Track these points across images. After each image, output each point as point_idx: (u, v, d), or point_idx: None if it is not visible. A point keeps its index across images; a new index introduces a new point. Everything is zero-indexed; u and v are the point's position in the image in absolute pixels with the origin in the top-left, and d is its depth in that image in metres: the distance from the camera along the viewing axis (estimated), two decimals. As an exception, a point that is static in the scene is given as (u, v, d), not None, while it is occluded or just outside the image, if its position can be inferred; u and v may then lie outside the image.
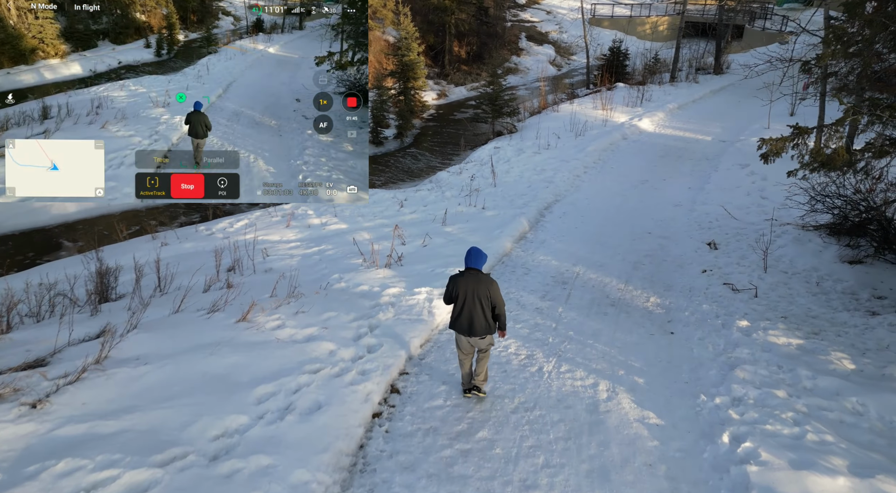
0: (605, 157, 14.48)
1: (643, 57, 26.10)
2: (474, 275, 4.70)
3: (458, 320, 4.74)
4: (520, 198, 11.80)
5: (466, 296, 4.66)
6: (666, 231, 10.07)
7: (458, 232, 9.90)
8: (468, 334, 4.72)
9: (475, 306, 4.64)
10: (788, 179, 11.55)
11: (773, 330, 6.22)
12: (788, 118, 16.20)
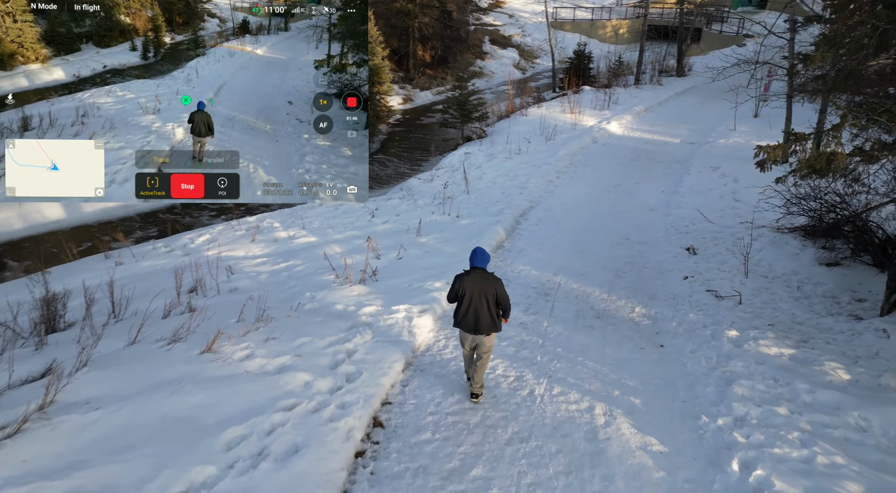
0: (577, 161, 14.36)
1: (606, 60, 26.29)
2: (480, 274, 4.77)
3: (464, 318, 4.80)
4: (494, 205, 11.52)
5: (473, 295, 4.72)
6: (644, 236, 9.93)
7: (433, 243, 9.55)
8: (474, 332, 4.78)
9: (481, 304, 4.71)
10: (761, 182, 11.63)
11: (763, 340, 6.08)
12: (753, 120, 16.45)
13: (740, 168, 12.47)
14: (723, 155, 13.48)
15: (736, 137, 14.78)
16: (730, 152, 13.68)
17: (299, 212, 11.83)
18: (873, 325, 6.47)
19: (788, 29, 12.57)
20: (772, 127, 15.22)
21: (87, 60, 7.39)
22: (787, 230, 9.42)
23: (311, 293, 7.26)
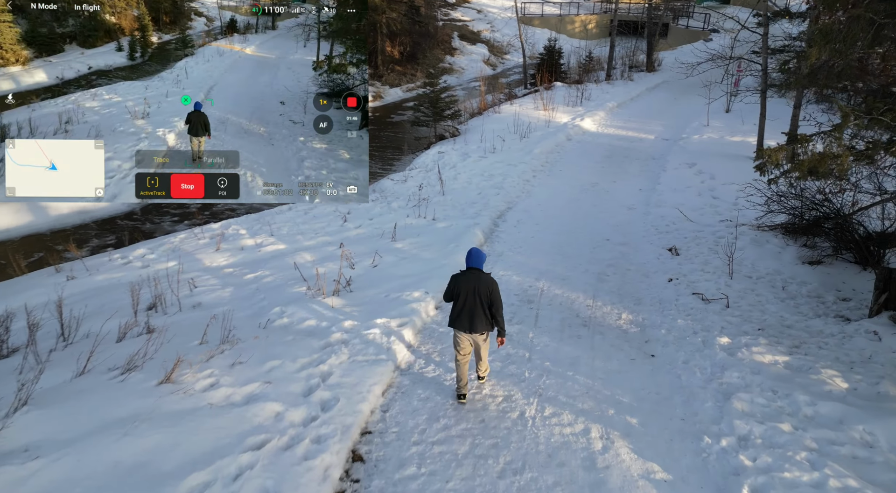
0: (553, 159, 14.11)
1: (576, 55, 26.20)
2: (476, 274, 4.79)
3: (458, 317, 4.80)
4: (471, 206, 11.17)
5: (468, 294, 4.73)
6: (625, 237, 9.72)
7: (409, 248, 9.15)
8: (469, 331, 4.79)
9: (476, 304, 4.73)
10: (738, 179, 11.55)
11: (756, 347, 5.87)
12: (724, 115, 16.48)
13: (716, 165, 12.41)
14: (698, 151, 13.40)
15: (709, 133, 14.74)
16: (704, 148, 13.62)
17: (267, 217, 11.28)
18: (863, 327, 6.34)
19: (760, 24, 12.51)
20: (744, 122, 15.27)
21: (71, 62, 7.08)
22: (768, 228, 9.32)
23: (281, 308, 6.79)
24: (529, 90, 22.94)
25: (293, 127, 6.14)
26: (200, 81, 6.94)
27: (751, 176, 11.78)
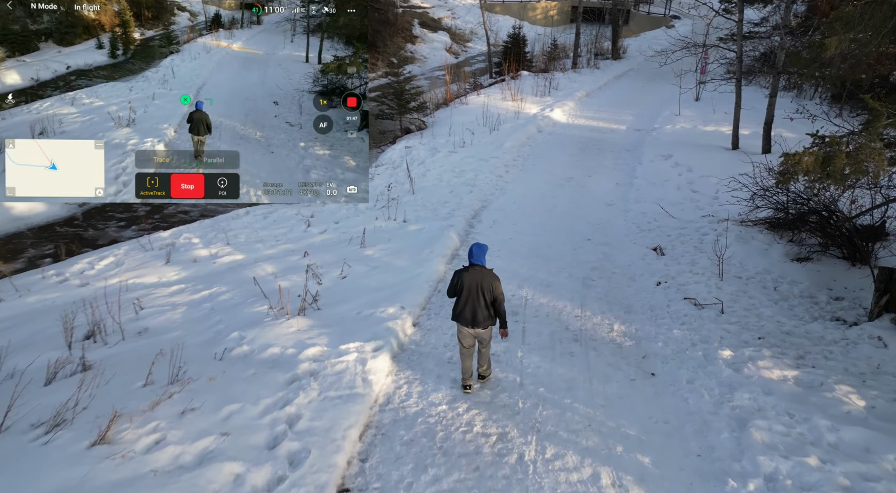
0: (525, 153, 13.58)
1: (539, 43, 25.71)
2: (479, 270, 4.88)
3: (462, 312, 4.90)
4: (443, 206, 10.54)
5: (471, 290, 4.84)
6: (606, 236, 9.26)
7: (380, 255, 8.47)
8: (472, 326, 4.89)
9: (479, 299, 4.84)
10: (715, 171, 11.25)
11: (761, 360, 5.47)
12: (695, 103, 16.25)
13: (692, 156, 12.11)
14: (672, 142, 13.08)
15: (682, 123, 14.46)
16: (678, 139, 13.31)
17: (222, 223, 10.38)
18: (866, 332, 6.03)
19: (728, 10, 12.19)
20: (715, 110, 15.06)
21: (48, 61, 6.71)
22: (752, 223, 9.01)
23: (239, 332, 6.04)
24: (495, 79, 22.34)
25: (290, 130, 5.90)
26: (188, 81, 6.61)
27: (727, 167, 11.55)
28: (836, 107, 14.06)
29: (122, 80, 6.80)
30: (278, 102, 6.20)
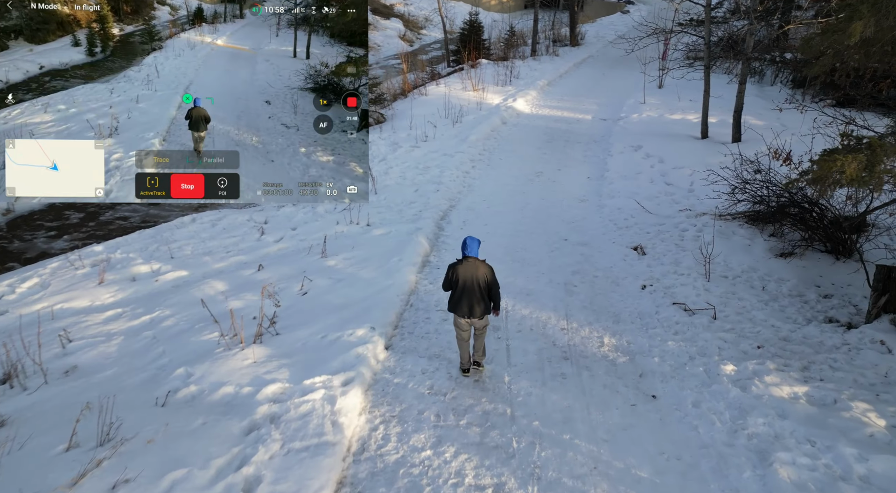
0: (490, 146, 12.98)
1: (494, 29, 25.09)
2: (472, 262, 4.98)
3: (458, 304, 5.02)
4: (409, 207, 9.85)
5: (466, 282, 4.95)
6: (583, 236, 8.78)
7: (345, 266, 7.73)
8: (468, 317, 5.03)
9: (474, 291, 4.96)
10: (687, 162, 10.93)
11: (767, 375, 5.06)
12: (658, 91, 15.98)
13: (662, 147, 11.77)
14: (641, 132, 12.73)
15: (648, 111, 14.14)
16: (646, 129, 12.96)
17: (165, 233, 9.40)
18: (867, 335, 5.72)
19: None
20: (680, 98, 14.82)
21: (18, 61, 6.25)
22: (731, 217, 8.69)
23: (186, 369, 5.25)
24: (454, 68, 21.62)
25: (287, 133, 5.61)
26: (174, 80, 6.25)
27: (700, 158, 11.27)
28: (799, 93, 14.03)
29: (102, 80, 6.35)
30: (270, 101, 5.90)
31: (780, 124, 12.12)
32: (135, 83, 6.36)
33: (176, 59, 6.51)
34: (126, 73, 6.50)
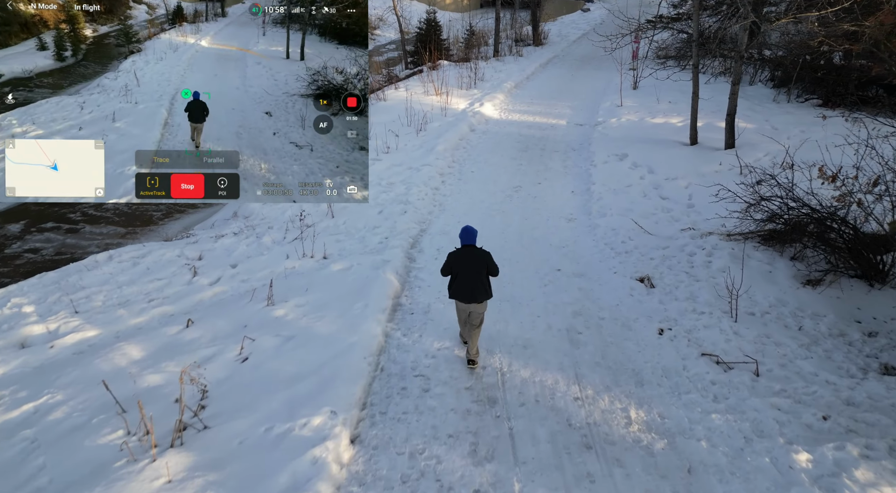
0: (460, 157, 11.66)
1: (452, 29, 23.88)
2: (470, 250, 5.22)
3: (459, 290, 5.24)
4: (373, 233, 8.43)
5: (465, 270, 5.18)
6: (578, 264, 7.56)
7: (296, 316, 6.26)
8: (468, 301, 5.23)
9: (474, 277, 5.17)
10: (679, 172, 9.88)
11: (855, 468, 3.91)
12: (633, 92, 15.01)
13: (650, 155, 10.70)
14: (623, 138, 11.65)
15: (627, 115, 13.10)
16: (628, 134, 11.90)
17: (72, 277, 7.66)
18: (947, 396, 4.66)
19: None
20: (659, 100, 13.86)
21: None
22: (741, 237, 7.63)
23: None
24: (413, 71, 20.26)
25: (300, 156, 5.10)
26: (158, 88, 5.63)
27: (693, 167, 10.25)
28: (783, 92, 13.26)
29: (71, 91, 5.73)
30: (271, 112, 5.35)
31: (771, 127, 11.27)
32: (110, 94, 5.66)
33: (158, 64, 5.85)
34: (100, 82, 5.79)
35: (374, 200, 9.77)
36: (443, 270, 5.38)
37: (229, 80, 5.81)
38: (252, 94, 5.60)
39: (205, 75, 5.74)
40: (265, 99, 5.50)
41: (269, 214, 9.57)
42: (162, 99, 5.57)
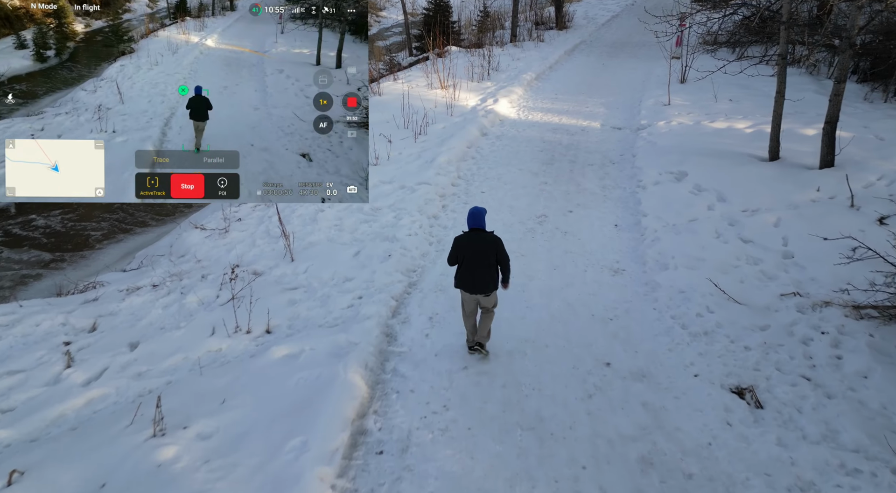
0: (467, 172, 9.17)
1: (465, 10, 21.24)
2: (478, 234, 4.77)
3: (464, 279, 4.82)
4: (341, 290, 6.06)
5: (473, 256, 4.75)
6: (635, 354, 5.11)
7: (190, 466, 3.91)
8: (473, 291, 4.81)
9: (480, 265, 4.75)
10: (762, 200, 7.32)
11: None
12: (681, 86, 12.35)
13: (717, 174, 8.11)
14: (677, 149, 9.07)
15: (678, 116, 10.49)
16: (683, 143, 9.30)
17: None
18: None
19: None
20: (717, 98, 11.20)
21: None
22: (877, 312, 5.15)
23: None
24: (416, 58, 17.70)
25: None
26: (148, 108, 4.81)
27: (778, 194, 7.52)
28: (878, 88, 10.54)
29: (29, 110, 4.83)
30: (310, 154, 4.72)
31: (875, 136, 8.60)
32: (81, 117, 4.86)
33: (151, 71, 5.09)
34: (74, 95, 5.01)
35: (352, 234, 7.34)
36: (449, 258, 4.90)
37: (244, 97, 4.90)
38: (277, 119, 4.78)
39: (211, 87, 4.80)
40: (296, 129, 4.71)
41: (210, 253, 7.17)
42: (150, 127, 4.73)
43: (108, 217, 10.12)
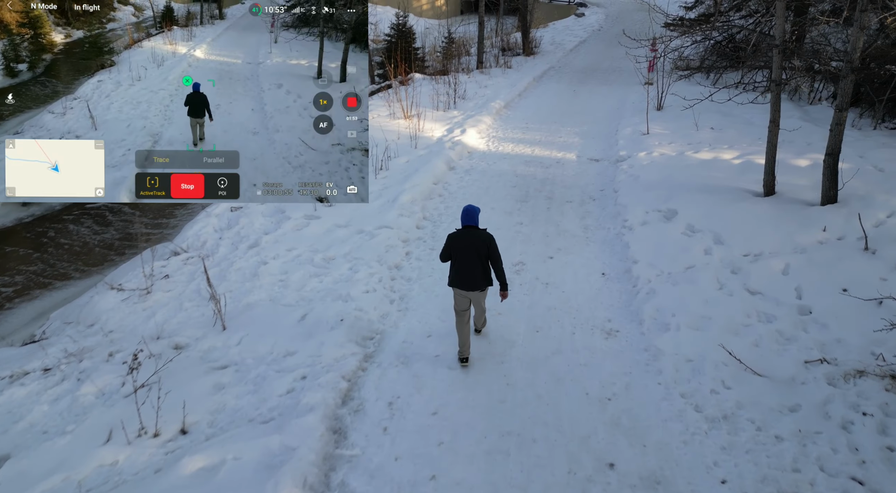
0: (433, 212, 8.20)
1: (429, 37, 20.60)
2: (471, 232, 4.77)
3: (456, 276, 4.81)
4: (280, 369, 4.97)
5: (464, 253, 4.74)
6: (643, 448, 4.13)
7: None
8: (466, 289, 4.79)
9: (472, 262, 4.73)
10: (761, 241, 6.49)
11: None
12: (658, 114, 11.70)
13: (710, 212, 7.31)
14: (662, 183, 8.29)
15: (660, 147, 9.78)
16: (669, 176, 8.53)
17: None
18: None
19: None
20: (698, 126, 10.55)
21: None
22: (920, 385, 4.29)
23: None
24: (378, 86, 16.85)
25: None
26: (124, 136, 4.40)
27: (781, 235, 6.66)
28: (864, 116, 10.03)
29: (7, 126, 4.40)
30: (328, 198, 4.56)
31: (874, 167, 7.97)
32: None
33: (131, 87, 4.62)
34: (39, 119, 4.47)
35: (299, 292, 6.25)
36: (441, 255, 4.89)
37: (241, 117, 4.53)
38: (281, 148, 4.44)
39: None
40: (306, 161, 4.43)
41: (125, 322, 5.95)
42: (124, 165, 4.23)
43: (25, 270, 8.77)
